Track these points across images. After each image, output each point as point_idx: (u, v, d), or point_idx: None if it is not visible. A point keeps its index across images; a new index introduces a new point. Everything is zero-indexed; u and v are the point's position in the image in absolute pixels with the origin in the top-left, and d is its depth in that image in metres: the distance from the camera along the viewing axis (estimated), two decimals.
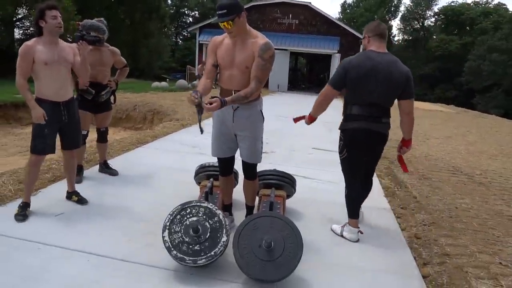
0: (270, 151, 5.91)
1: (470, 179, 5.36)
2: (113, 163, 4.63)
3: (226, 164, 2.91)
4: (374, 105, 2.81)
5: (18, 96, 11.07)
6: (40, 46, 2.88)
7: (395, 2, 53.38)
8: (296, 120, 3.34)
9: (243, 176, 2.95)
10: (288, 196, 3.44)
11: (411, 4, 51.51)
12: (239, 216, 3.14)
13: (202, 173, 3.41)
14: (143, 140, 6.08)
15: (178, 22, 53.54)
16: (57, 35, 2.96)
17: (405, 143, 3.19)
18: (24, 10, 22.19)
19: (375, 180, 4.72)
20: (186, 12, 54.89)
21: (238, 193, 3.30)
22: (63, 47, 3.02)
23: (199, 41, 22.06)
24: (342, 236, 3.06)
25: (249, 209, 3.02)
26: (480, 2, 47.94)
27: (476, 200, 4.41)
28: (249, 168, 2.86)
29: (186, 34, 49.81)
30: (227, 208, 3.05)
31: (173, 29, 53.74)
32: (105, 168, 4.25)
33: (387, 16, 52.51)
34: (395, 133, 8.72)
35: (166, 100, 11.99)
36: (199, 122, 2.59)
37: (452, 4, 47.63)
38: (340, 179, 4.60)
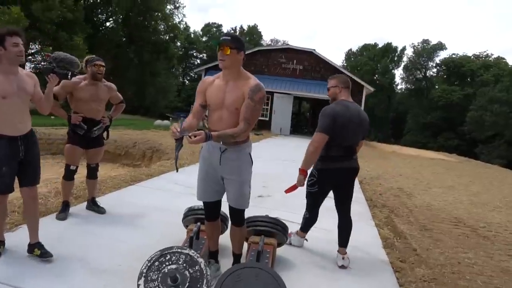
0: (266, 195, 5.75)
1: (474, 232, 5.13)
2: (103, 200, 4.49)
3: (212, 209, 2.76)
4: (349, 146, 3.25)
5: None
6: None
7: (398, 53, 54.86)
8: (288, 191, 3.43)
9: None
10: (280, 244, 3.26)
11: (413, 55, 52.90)
12: (227, 263, 2.95)
13: (190, 216, 3.25)
14: (137, 178, 5.95)
15: (186, 63, 55.01)
16: (17, 65, 2.66)
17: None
18: (37, 45, 22.88)
19: (374, 230, 4.55)
20: (195, 54, 56.55)
21: (228, 238, 3.12)
22: (22, 77, 2.69)
23: None
24: (290, 244, 3.62)
25: (236, 257, 2.83)
26: (480, 56, 49.17)
27: (480, 255, 4.18)
28: (236, 214, 2.70)
29: (193, 75, 51.01)
30: (213, 255, 2.87)
31: (180, 70, 55.12)
32: (93, 206, 4.10)
33: (390, 66, 53.79)
34: (396, 181, 8.57)
35: (166, 138, 11.97)
36: (176, 158, 2.47)
37: (453, 56, 48.89)
38: (336, 228, 4.45)
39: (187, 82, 54.68)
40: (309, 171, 3.37)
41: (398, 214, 5.51)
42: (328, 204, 5.50)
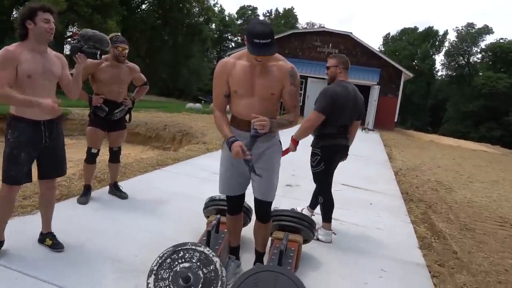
0: (295, 184, 5.50)
1: None
2: (126, 184, 4.40)
3: (235, 203, 2.53)
4: (344, 125, 3.41)
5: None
6: (25, 54, 2.38)
7: (440, 37, 52.21)
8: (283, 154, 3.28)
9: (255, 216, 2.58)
10: (306, 241, 3.02)
11: (455, 39, 50.18)
12: (248, 260, 2.75)
13: (211, 206, 3.07)
14: (164, 162, 5.85)
15: (221, 47, 54.89)
16: (46, 43, 2.49)
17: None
18: (75, 28, 23.33)
19: (409, 227, 4.22)
20: (229, 37, 56.29)
21: (250, 231, 2.92)
22: (50, 57, 2.52)
23: None
24: (317, 239, 3.42)
25: (259, 255, 2.60)
26: None
27: None
28: (263, 207, 2.47)
29: None
30: (234, 251, 2.66)
31: (215, 53, 55.11)
32: (115, 190, 4.01)
33: (430, 51, 51.36)
34: (434, 173, 8.06)
35: (197, 122, 11.90)
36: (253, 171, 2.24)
37: (501, 41, 45.90)
38: (368, 224, 4.16)
39: None
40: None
41: (436, 210, 5.12)
42: (359, 197, 5.22)
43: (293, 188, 5.32)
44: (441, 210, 5.16)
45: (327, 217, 3.54)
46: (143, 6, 31.73)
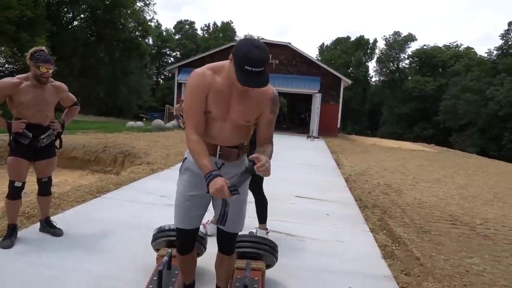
0: (248, 201, 5.22)
1: (473, 231, 4.79)
2: (61, 218, 3.88)
3: (189, 238, 2.15)
4: None
5: None
6: None
7: (371, 45, 55.24)
8: None
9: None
10: (269, 266, 2.76)
11: (385, 47, 53.36)
12: None
13: (161, 238, 2.72)
14: (104, 188, 5.33)
15: (160, 62, 53.80)
16: None
17: None
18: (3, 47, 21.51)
19: (369, 236, 4.12)
20: (168, 52, 55.35)
21: (207, 259, 2.61)
22: None
23: (177, 80, 21.71)
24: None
25: None
26: (451, 46, 50.01)
27: (486, 259, 3.82)
28: (230, 240, 2.17)
29: (167, 74, 49.88)
30: (190, 287, 2.33)
31: (154, 69, 53.86)
32: (47, 227, 3.48)
33: (363, 58, 54.11)
34: (382, 176, 8.23)
35: (140, 141, 11.28)
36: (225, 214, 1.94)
37: (424, 47, 49.55)
38: (328, 237, 4.00)
39: (161, 81, 53.49)
40: None
41: (391, 215, 5.12)
42: (314, 209, 5.07)
43: (249, 205, 5.05)
44: (395, 214, 5.17)
45: (264, 218, 3.76)
46: (75, 23, 30.21)
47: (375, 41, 55.58)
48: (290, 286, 2.86)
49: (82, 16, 29.70)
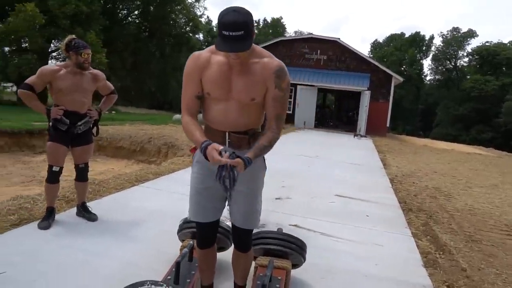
0: (285, 197, 5.10)
1: None
2: (99, 204, 3.98)
3: (207, 232, 2.07)
4: None
5: (35, 124, 10.92)
6: None
7: (426, 42, 52.61)
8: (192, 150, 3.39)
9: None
10: (296, 265, 2.62)
11: (442, 44, 50.57)
12: None
13: (186, 229, 2.66)
14: (143, 177, 5.43)
15: None
16: None
17: None
18: (56, 43, 22.88)
19: (410, 241, 3.83)
20: None
21: (229, 256, 2.52)
22: None
23: None
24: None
25: None
26: None
27: None
28: (243, 236, 2.05)
29: None
30: None
31: None
32: (83, 212, 3.57)
33: (418, 56, 51.68)
34: (431, 179, 7.74)
35: (183, 133, 11.47)
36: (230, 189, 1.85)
37: (487, 44, 46.35)
38: (365, 239, 3.78)
39: None
40: None
41: (437, 220, 4.76)
42: (354, 209, 4.83)
43: (283, 201, 4.92)
44: (442, 220, 4.80)
45: None
46: (129, 19, 31.44)
47: (432, 37, 52.90)
48: (318, 287, 2.69)
49: (136, 12, 30.82)
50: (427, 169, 9.28)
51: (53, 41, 23.31)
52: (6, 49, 21.07)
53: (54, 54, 24.70)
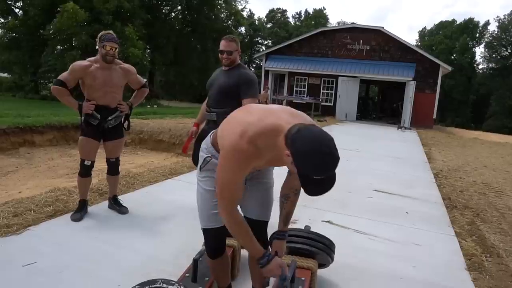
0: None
1: None
2: (131, 197, 4.04)
3: (221, 237, 1.95)
4: None
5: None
6: None
7: (480, 28, 49.44)
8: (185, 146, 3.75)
9: None
10: (323, 265, 2.48)
11: (497, 30, 47.27)
12: None
13: None
14: (178, 170, 5.46)
15: (252, 51, 54.76)
16: None
17: None
18: None
19: (454, 242, 3.56)
20: (260, 41, 56.05)
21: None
22: None
23: (265, 67, 21.78)
24: None
25: None
26: None
27: None
28: (260, 229, 1.96)
29: (258, 62, 50.59)
30: None
31: (246, 58, 55.05)
32: (114, 205, 3.63)
33: (470, 43, 48.72)
34: (481, 174, 7.22)
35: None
36: None
37: None
38: (403, 238, 3.55)
39: (252, 69, 54.49)
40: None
41: (485, 219, 4.40)
42: (393, 205, 4.57)
43: (317, 197, 4.75)
44: (491, 219, 4.43)
45: None
46: (172, 14, 32.03)
47: (487, 23, 49.61)
48: None
49: (178, 7, 31.32)
50: (476, 164, 8.69)
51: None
52: (59, 48, 22.16)
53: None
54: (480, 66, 51.16)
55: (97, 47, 3.27)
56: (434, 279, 2.78)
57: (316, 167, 1.35)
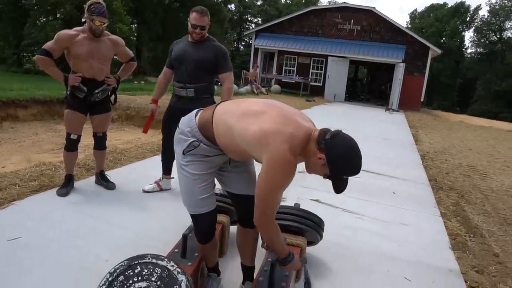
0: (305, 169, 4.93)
1: None
2: (118, 173, 3.99)
3: (213, 221, 1.91)
4: None
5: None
6: None
7: (471, 12, 49.50)
8: (147, 126, 3.95)
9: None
10: (311, 243, 2.50)
11: (487, 14, 47.40)
12: (236, 276, 2.22)
13: None
14: None
15: (241, 28, 53.91)
16: None
17: None
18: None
19: (439, 222, 3.62)
20: (249, 18, 55.16)
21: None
22: None
23: (254, 45, 21.49)
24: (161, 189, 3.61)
25: (247, 271, 2.06)
26: None
27: None
28: (251, 204, 1.95)
29: (247, 40, 49.92)
30: (213, 269, 2.08)
31: (235, 35, 54.19)
32: (101, 180, 3.57)
33: (460, 27, 48.81)
34: (466, 156, 7.34)
35: None
36: None
37: None
38: (390, 218, 3.59)
39: (241, 47, 53.78)
40: None
41: (469, 200, 4.49)
42: (381, 185, 4.62)
43: (305, 174, 4.76)
44: (475, 200, 4.52)
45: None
46: None
47: (478, 7, 49.64)
48: (335, 268, 2.57)
49: None
50: (462, 146, 8.82)
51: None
52: (43, 19, 21.36)
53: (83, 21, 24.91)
54: (469, 51, 51.54)
55: (84, 16, 3.12)
56: (419, 257, 2.83)
57: (349, 169, 1.63)
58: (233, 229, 2.65)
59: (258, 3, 55.30)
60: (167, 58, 3.55)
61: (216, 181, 1.95)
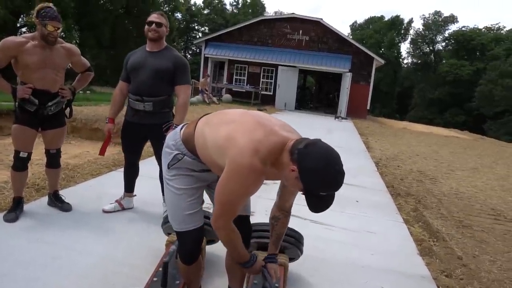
0: (271, 181, 4.89)
1: None
2: (72, 192, 3.68)
3: (200, 240, 1.80)
4: None
5: (3, 104, 10.27)
6: None
7: (405, 25, 52.92)
8: (104, 149, 3.53)
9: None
10: (292, 259, 2.44)
11: (421, 28, 50.99)
12: None
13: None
14: (122, 161, 5.03)
15: (188, 37, 53.40)
16: None
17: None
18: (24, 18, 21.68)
19: (403, 228, 3.72)
20: (196, 27, 54.83)
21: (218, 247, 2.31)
22: None
23: (204, 54, 21.34)
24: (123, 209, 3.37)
25: None
26: (492, 28, 47.24)
27: None
28: (247, 223, 1.86)
29: (194, 49, 49.56)
30: None
31: (182, 44, 53.54)
32: (55, 201, 3.26)
33: (396, 39, 51.96)
34: (415, 162, 7.71)
35: None
36: None
37: (463, 29, 46.98)
38: (358, 226, 3.64)
39: (189, 56, 53.22)
40: None
41: (426, 205, 4.69)
42: (343, 194, 4.66)
43: (269, 186, 4.71)
44: (431, 205, 4.73)
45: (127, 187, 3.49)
46: None
47: (411, 21, 53.29)
48: (314, 283, 2.53)
49: None
50: (409, 152, 9.29)
51: (22, 15, 22.06)
52: None
53: (23, 29, 23.38)
54: (405, 61, 54.95)
55: (34, 20, 2.84)
56: (392, 266, 2.88)
57: (324, 184, 1.39)
58: (209, 249, 2.54)
59: (205, 12, 55.22)
60: (122, 70, 3.28)
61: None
